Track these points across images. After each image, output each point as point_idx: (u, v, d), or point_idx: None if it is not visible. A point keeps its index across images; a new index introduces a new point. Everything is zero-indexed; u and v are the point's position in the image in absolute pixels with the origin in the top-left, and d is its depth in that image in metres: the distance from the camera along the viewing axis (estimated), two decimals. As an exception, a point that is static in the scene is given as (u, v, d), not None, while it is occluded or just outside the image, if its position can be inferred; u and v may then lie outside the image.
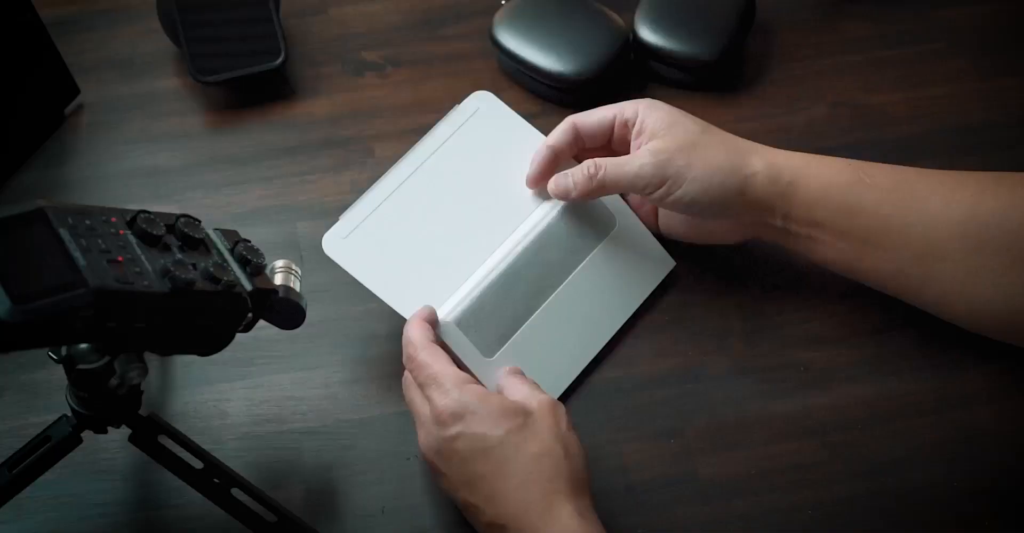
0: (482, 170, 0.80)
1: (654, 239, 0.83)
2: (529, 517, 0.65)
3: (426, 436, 0.69)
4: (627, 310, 0.81)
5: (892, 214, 0.73)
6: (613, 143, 0.80)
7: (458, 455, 0.67)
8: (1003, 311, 0.72)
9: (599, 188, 0.77)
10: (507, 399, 0.69)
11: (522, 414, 0.67)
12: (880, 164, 0.76)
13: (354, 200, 0.78)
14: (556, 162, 0.79)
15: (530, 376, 0.74)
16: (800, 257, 0.79)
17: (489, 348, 0.76)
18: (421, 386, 0.70)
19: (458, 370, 0.70)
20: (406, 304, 0.75)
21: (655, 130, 0.76)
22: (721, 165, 0.75)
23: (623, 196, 0.83)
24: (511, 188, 0.80)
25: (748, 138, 0.78)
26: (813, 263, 0.78)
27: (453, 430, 0.67)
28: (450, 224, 0.78)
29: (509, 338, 0.77)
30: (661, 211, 0.82)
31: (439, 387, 0.69)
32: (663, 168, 0.75)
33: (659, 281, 0.83)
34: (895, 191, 0.74)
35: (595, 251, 0.80)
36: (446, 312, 0.75)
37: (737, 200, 0.75)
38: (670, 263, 0.83)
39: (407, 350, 0.72)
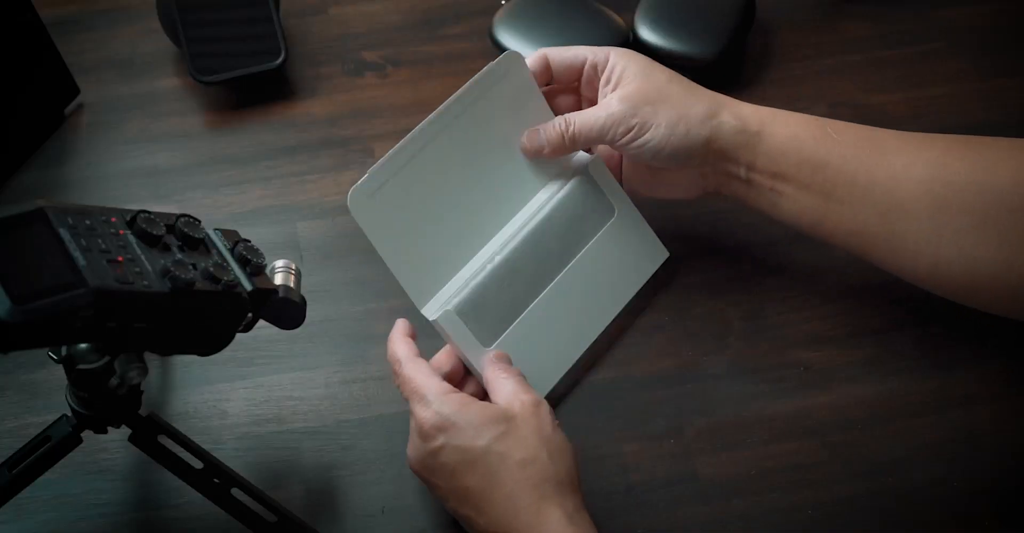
0: (498, 141, 0.79)
1: (650, 229, 0.83)
2: (520, 525, 0.65)
3: (413, 449, 0.69)
4: (621, 300, 0.82)
5: (858, 169, 0.73)
6: (582, 85, 0.80)
7: (444, 468, 0.67)
8: (965, 272, 0.71)
9: (571, 143, 0.77)
10: (488, 407, 0.68)
11: (504, 421, 0.67)
12: (847, 122, 0.76)
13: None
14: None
15: (525, 365, 0.74)
16: (763, 213, 0.78)
17: (488, 337, 0.75)
18: (406, 400, 0.70)
19: (440, 381, 0.70)
20: (410, 280, 0.74)
21: (624, 78, 0.77)
22: (688, 113, 0.75)
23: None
24: (521, 164, 0.79)
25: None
26: (776, 220, 0.77)
27: (436, 443, 0.67)
28: (462, 196, 0.77)
29: (507, 327, 0.76)
30: (625, 165, 0.82)
31: (421, 400, 0.69)
32: (630, 115, 0.75)
33: (652, 271, 0.83)
34: (862, 147, 0.74)
35: (593, 240, 0.80)
36: (446, 299, 0.75)
37: (702, 148, 0.75)
38: (664, 254, 0.84)
39: (392, 366, 0.72)
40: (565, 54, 0.79)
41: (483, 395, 0.73)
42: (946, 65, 0.96)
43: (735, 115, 0.75)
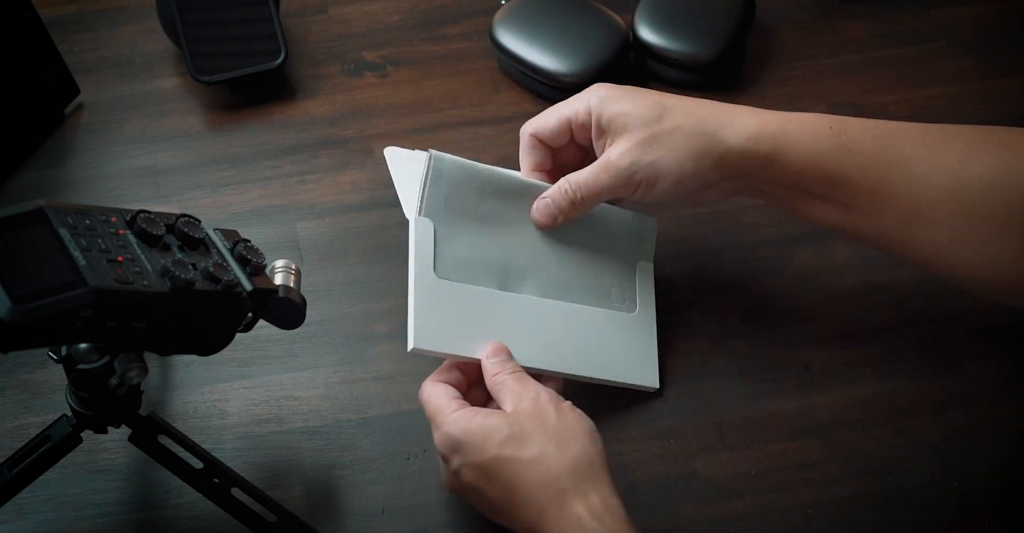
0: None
1: (655, 354, 0.79)
2: (547, 523, 0.65)
3: (443, 475, 0.71)
4: (581, 372, 0.76)
5: (877, 180, 0.71)
6: (576, 140, 0.78)
7: (468, 487, 0.68)
8: (985, 276, 0.71)
9: (582, 206, 0.76)
10: (491, 416, 0.68)
11: (506, 425, 0.67)
12: (861, 122, 0.74)
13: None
14: (548, 176, 0.78)
15: (457, 322, 0.72)
16: (784, 212, 0.77)
17: (446, 270, 0.73)
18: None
19: (450, 400, 0.70)
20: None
21: (613, 131, 0.74)
22: (689, 152, 0.73)
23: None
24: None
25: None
26: (797, 218, 0.76)
27: (454, 465, 0.68)
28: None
29: (474, 282, 0.74)
30: None
31: (433, 423, 0.70)
32: (631, 175, 0.73)
33: (630, 384, 0.78)
34: (880, 156, 0.72)
35: (595, 309, 0.78)
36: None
37: (715, 176, 0.74)
38: (654, 383, 0.79)
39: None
40: (547, 125, 0.77)
41: None
42: (946, 65, 0.96)
43: (742, 138, 0.73)
